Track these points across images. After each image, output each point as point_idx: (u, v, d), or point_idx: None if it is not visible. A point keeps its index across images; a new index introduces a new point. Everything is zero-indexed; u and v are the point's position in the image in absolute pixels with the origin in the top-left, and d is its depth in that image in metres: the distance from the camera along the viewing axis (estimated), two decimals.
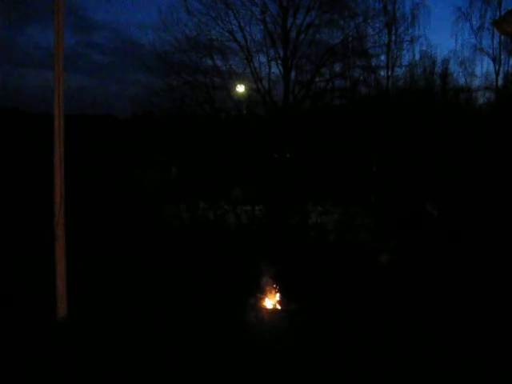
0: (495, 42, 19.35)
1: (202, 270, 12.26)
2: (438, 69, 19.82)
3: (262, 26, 17.46)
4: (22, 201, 14.99)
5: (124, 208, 15.78)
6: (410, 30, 18.95)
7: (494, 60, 19.54)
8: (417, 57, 19.35)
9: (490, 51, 19.56)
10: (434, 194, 16.07)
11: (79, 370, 6.46)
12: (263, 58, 17.67)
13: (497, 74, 19.54)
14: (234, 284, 11.20)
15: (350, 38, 18.07)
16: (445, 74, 20.11)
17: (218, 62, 17.50)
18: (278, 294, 11.17)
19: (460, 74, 20.21)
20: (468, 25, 19.76)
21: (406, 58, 19.31)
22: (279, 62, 17.69)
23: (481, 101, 21.02)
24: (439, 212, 15.56)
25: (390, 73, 19.12)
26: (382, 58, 18.84)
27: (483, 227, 13.91)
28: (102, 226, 14.40)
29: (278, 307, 10.97)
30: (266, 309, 10.81)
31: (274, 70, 17.76)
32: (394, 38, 18.75)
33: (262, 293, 11.07)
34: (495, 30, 16.58)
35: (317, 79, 18.06)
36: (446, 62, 19.87)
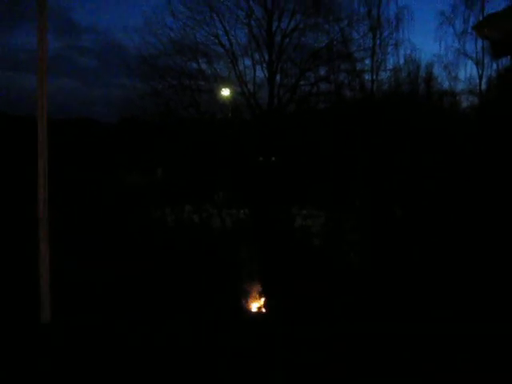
0: (478, 46, 19.45)
1: (188, 273, 12.25)
2: (423, 73, 19.92)
3: (247, 30, 17.64)
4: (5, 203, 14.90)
5: (109, 211, 15.73)
6: (395, 34, 19.00)
7: (477, 64, 19.66)
8: (401, 61, 19.40)
9: (474, 55, 19.70)
10: (400, 196, 16.44)
11: (61, 376, 6.45)
12: (248, 62, 17.82)
13: (480, 77, 19.67)
14: (218, 287, 11.21)
15: (335, 42, 18.16)
16: (429, 78, 20.22)
17: (203, 66, 17.62)
18: (261, 298, 11.20)
19: (444, 77, 20.35)
20: (451, 29, 19.86)
21: (391, 62, 19.37)
22: (264, 65, 17.83)
23: (464, 104, 21.21)
24: (403, 212, 15.94)
25: (374, 76, 19.16)
26: (367, 61, 18.88)
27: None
28: (87, 230, 14.35)
29: (262, 310, 11.00)
30: (250, 311, 10.84)
31: (259, 73, 17.93)
32: (378, 41, 18.78)
33: (245, 296, 11.11)
34: (480, 38, 16.72)
35: (302, 83, 18.19)
36: (430, 65, 19.96)
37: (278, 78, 17.83)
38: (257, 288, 11.64)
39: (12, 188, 14.96)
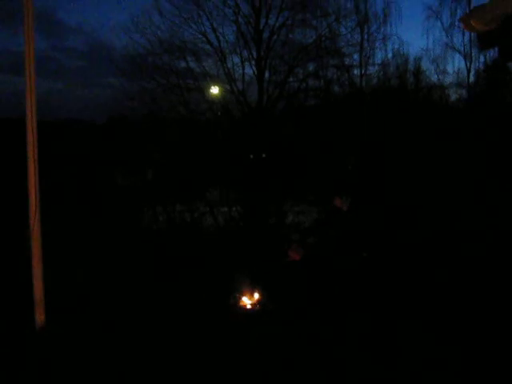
0: (466, 39, 19.58)
1: (180, 274, 12.24)
2: (411, 67, 20.04)
3: (234, 28, 17.59)
4: None
5: (100, 213, 15.67)
6: (383, 29, 19.15)
7: (465, 57, 19.77)
8: (389, 55, 19.54)
9: (462, 48, 19.80)
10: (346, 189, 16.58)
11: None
12: (237, 59, 17.79)
13: (468, 70, 19.77)
14: (210, 285, 11.21)
15: (323, 38, 18.19)
16: (417, 72, 20.29)
17: (192, 64, 17.56)
18: (255, 295, 11.16)
19: (432, 71, 20.44)
20: (439, 23, 19.97)
21: (379, 57, 19.50)
22: (253, 62, 17.78)
23: (453, 97, 21.31)
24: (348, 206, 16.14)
25: (363, 71, 19.29)
26: (355, 56, 19.00)
27: None
28: (79, 232, 14.28)
29: (256, 307, 10.97)
30: (244, 309, 10.82)
31: (248, 70, 17.89)
32: (366, 36, 18.92)
33: (238, 293, 11.07)
34: (466, 30, 16.79)
35: (290, 79, 18.17)
36: (418, 59, 20.05)
37: (266, 74, 17.83)
38: (249, 285, 11.59)
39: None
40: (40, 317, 6.97)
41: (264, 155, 18.26)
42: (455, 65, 20.39)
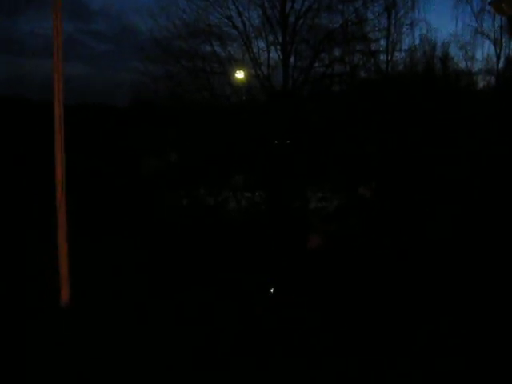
0: (496, 25, 19.24)
1: (202, 259, 12.35)
2: (438, 53, 19.80)
3: (260, 12, 17.43)
4: (25, 187, 15.07)
5: (125, 195, 15.84)
6: (410, 14, 18.91)
7: (494, 43, 19.45)
8: (417, 41, 19.31)
9: (491, 34, 19.46)
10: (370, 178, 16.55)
11: (79, 356, 6.59)
12: (262, 44, 17.66)
13: (498, 57, 19.46)
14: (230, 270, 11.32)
15: (350, 23, 17.96)
16: (445, 58, 20.04)
17: (217, 48, 17.50)
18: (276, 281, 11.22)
19: (461, 57, 20.14)
20: (469, 8, 19.66)
21: (406, 42, 19.26)
22: (278, 47, 17.65)
23: (481, 84, 21.00)
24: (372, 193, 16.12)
25: (389, 57, 19.08)
26: (382, 42, 18.81)
27: None
28: (104, 214, 14.47)
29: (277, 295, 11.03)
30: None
31: (273, 55, 17.75)
32: (393, 22, 18.69)
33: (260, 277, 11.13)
34: (497, 13, 16.51)
35: (316, 64, 17.99)
36: (446, 45, 19.81)
37: (292, 59, 17.65)
38: (270, 275, 11.68)
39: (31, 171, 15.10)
40: (65, 295, 7.15)
41: (288, 141, 18.21)
42: (484, 51, 20.02)
